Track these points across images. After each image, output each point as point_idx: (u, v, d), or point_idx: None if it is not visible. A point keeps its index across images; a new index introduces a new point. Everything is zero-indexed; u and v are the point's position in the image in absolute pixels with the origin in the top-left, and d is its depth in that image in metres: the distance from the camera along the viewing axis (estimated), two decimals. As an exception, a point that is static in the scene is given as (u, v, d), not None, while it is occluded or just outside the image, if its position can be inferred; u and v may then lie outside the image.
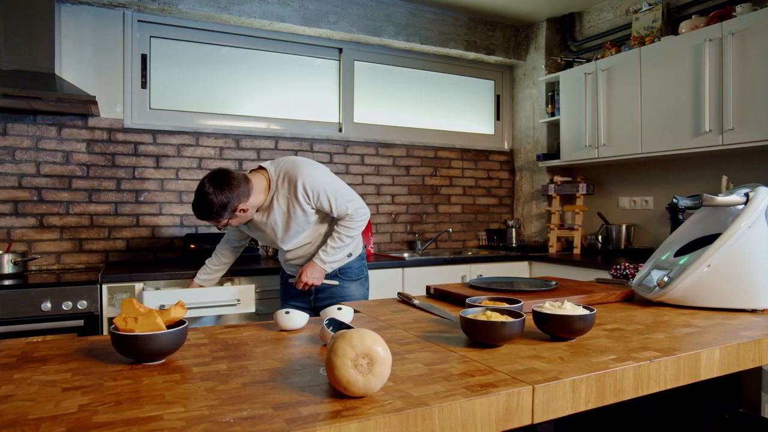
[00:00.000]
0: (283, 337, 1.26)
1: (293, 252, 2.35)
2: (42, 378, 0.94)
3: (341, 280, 2.35)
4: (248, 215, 2.16)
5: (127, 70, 3.18)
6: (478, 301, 1.41)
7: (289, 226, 2.23)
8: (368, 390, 0.83)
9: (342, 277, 2.36)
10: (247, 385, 0.90)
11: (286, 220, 2.22)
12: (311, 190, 2.15)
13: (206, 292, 2.54)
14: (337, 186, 2.24)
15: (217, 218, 2.07)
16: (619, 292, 1.72)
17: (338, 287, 2.35)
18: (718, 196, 1.63)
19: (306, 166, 2.20)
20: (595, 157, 3.59)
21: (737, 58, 2.76)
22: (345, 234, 2.25)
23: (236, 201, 2.06)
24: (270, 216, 2.21)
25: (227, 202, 2.03)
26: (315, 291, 2.35)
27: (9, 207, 2.91)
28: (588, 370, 0.98)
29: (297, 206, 2.17)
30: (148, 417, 0.77)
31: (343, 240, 2.25)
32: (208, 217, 2.07)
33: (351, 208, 2.23)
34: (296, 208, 2.18)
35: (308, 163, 2.24)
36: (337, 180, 2.28)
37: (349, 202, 2.23)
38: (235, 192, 2.04)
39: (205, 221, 2.17)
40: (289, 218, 2.21)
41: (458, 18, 4.09)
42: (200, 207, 2.05)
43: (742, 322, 1.38)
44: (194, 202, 2.08)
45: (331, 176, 2.27)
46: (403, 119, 4.11)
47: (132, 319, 1.02)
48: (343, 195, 2.23)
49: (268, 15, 3.39)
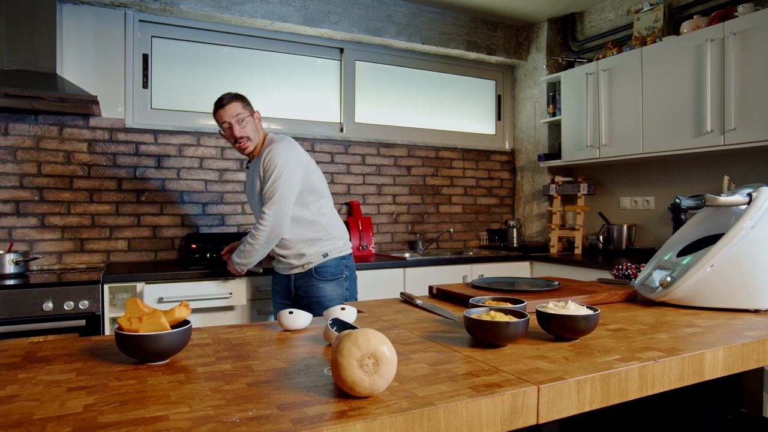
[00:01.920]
0: (287, 337, 1.26)
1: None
2: (46, 378, 0.94)
3: (316, 280, 2.40)
4: (258, 131, 2.36)
5: (128, 69, 3.18)
6: (481, 301, 1.41)
7: (254, 199, 2.40)
8: (374, 390, 0.83)
9: (317, 276, 2.40)
10: (252, 385, 0.90)
11: (252, 190, 2.39)
12: (266, 164, 2.27)
13: (200, 286, 2.70)
14: (288, 181, 2.26)
15: (244, 105, 2.31)
16: (622, 293, 1.72)
17: (312, 287, 2.40)
18: (720, 196, 1.63)
19: (285, 143, 2.31)
20: (596, 157, 3.59)
21: (739, 59, 2.76)
22: (248, 240, 2.35)
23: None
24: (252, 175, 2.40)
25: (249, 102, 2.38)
26: (294, 288, 2.44)
27: (10, 207, 2.91)
28: (592, 371, 0.98)
29: (258, 176, 2.31)
30: (154, 417, 0.77)
31: (246, 245, 2.36)
32: (240, 99, 2.32)
33: (269, 209, 2.26)
34: (257, 179, 2.32)
35: (290, 143, 2.34)
36: (296, 183, 2.29)
37: (274, 203, 2.25)
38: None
39: (233, 113, 2.30)
40: (253, 189, 2.37)
41: (459, 18, 4.08)
42: (232, 94, 2.33)
43: (746, 323, 1.38)
44: (224, 95, 2.32)
45: (297, 172, 2.29)
46: (404, 119, 4.11)
47: (136, 319, 1.02)
48: (276, 192, 2.25)
49: (270, 15, 3.39)
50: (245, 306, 2.84)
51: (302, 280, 2.40)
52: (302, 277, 2.40)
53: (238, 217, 3.47)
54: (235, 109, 2.30)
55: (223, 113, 2.30)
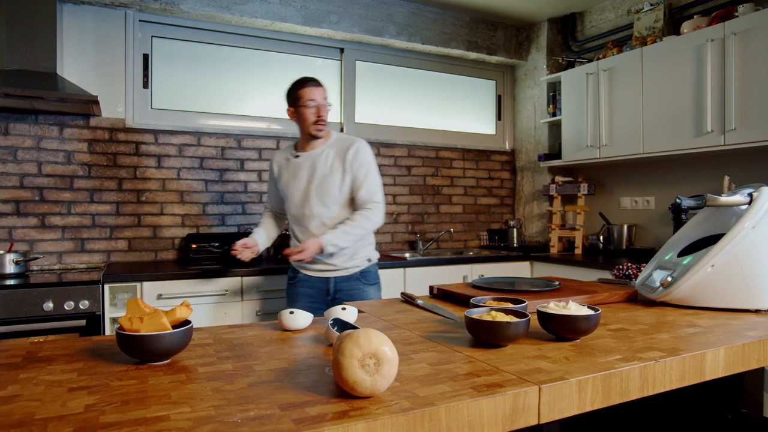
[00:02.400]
0: (288, 337, 1.26)
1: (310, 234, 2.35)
2: (47, 378, 0.94)
3: (362, 284, 2.38)
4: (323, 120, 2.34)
5: (128, 69, 3.18)
6: (482, 301, 1.41)
7: (322, 188, 2.32)
8: (375, 390, 0.83)
9: (363, 281, 2.39)
10: (254, 386, 0.90)
11: (322, 179, 2.32)
12: (360, 158, 2.33)
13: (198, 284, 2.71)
14: (377, 176, 2.40)
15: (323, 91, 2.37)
16: (623, 292, 1.72)
17: (356, 290, 2.36)
18: (721, 197, 1.63)
19: (365, 143, 2.39)
20: (596, 158, 3.59)
21: (739, 59, 2.76)
22: (360, 223, 2.30)
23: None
24: (312, 165, 2.34)
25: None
26: (334, 291, 2.37)
27: (11, 207, 2.91)
28: (593, 371, 0.98)
29: (339, 167, 2.31)
30: (155, 417, 0.76)
31: (356, 227, 2.29)
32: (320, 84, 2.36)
33: (378, 198, 2.35)
34: (337, 170, 2.31)
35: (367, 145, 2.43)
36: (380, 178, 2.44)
37: (379, 193, 2.37)
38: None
39: (323, 95, 2.34)
40: (324, 178, 2.31)
41: (460, 18, 4.08)
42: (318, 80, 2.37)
43: (746, 323, 1.38)
44: (310, 77, 2.36)
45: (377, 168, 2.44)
46: (404, 119, 4.11)
47: (137, 319, 1.02)
48: (378, 185, 2.38)
49: (270, 15, 3.39)
50: (243, 303, 2.84)
51: (345, 283, 2.35)
52: (345, 280, 2.36)
53: (238, 217, 3.47)
54: (324, 92, 2.35)
55: (316, 91, 2.32)
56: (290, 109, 2.38)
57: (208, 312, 2.74)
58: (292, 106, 2.36)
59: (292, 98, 2.35)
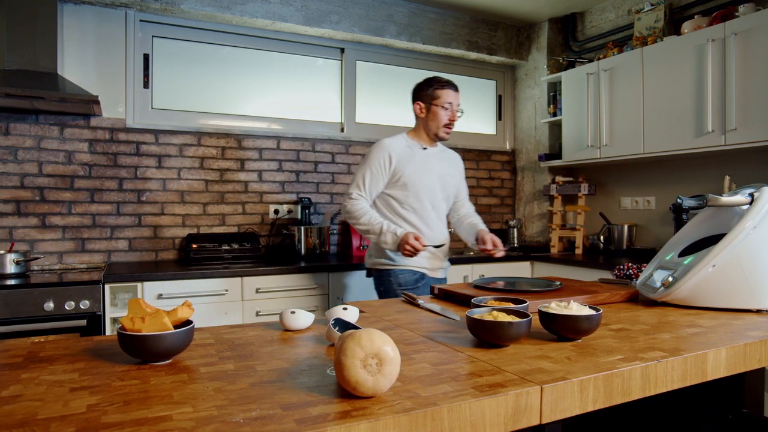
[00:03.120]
0: (289, 337, 1.26)
1: (430, 225, 2.41)
2: (49, 378, 0.94)
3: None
4: (453, 125, 2.48)
5: (129, 69, 3.18)
6: (483, 301, 1.41)
7: (446, 184, 2.47)
8: (377, 390, 0.83)
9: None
10: (255, 386, 0.90)
11: (447, 176, 2.48)
12: (463, 169, 2.65)
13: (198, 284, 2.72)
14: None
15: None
16: (624, 293, 1.72)
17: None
18: (722, 197, 1.63)
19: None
20: (597, 158, 3.59)
21: (740, 59, 2.76)
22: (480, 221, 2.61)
23: None
24: (439, 160, 2.46)
25: None
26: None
27: (11, 207, 2.91)
28: (595, 371, 0.98)
29: (456, 171, 2.56)
30: (157, 417, 0.76)
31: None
32: (458, 89, 2.46)
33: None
34: (457, 172, 2.57)
35: None
36: None
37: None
38: None
39: (458, 101, 2.46)
40: (447, 177, 2.49)
41: (460, 18, 4.08)
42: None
43: (748, 323, 1.38)
44: (449, 80, 2.44)
45: None
46: (405, 119, 4.10)
47: (139, 319, 1.02)
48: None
49: (271, 15, 3.39)
50: (242, 304, 2.84)
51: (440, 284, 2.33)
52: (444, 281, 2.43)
53: (238, 217, 3.47)
54: (458, 99, 2.43)
55: (453, 95, 2.39)
56: (421, 104, 2.39)
57: (209, 312, 2.74)
58: (424, 102, 2.38)
59: (428, 95, 2.36)
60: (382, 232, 2.22)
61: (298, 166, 3.65)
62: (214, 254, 3.11)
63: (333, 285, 3.06)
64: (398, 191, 2.34)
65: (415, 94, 2.42)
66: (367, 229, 2.27)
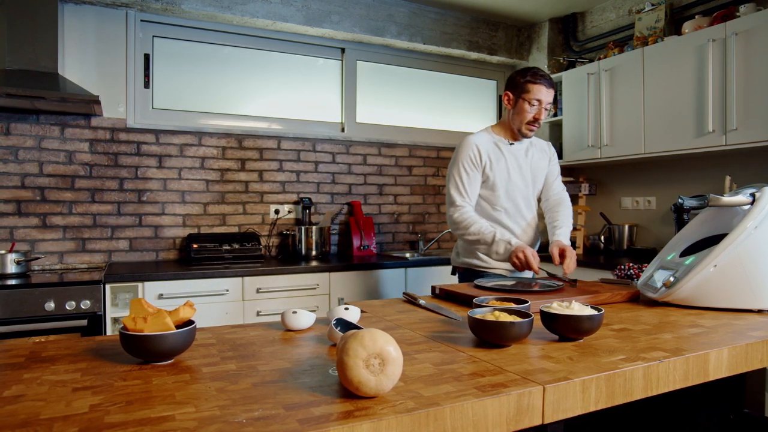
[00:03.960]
0: (291, 337, 1.26)
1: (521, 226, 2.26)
2: (52, 378, 0.94)
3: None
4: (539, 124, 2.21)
5: (130, 69, 3.18)
6: (485, 301, 1.41)
7: (536, 181, 2.30)
8: (380, 390, 0.83)
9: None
10: (258, 386, 0.90)
11: (536, 172, 2.29)
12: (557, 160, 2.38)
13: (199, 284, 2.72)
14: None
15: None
16: (625, 293, 1.72)
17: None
18: (723, 197, 1.63)
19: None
20: (597, 158, 3.59)
21: (741, 59, 2.76)
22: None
23: None
24: (526, 155, 2.27)
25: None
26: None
27: (12, 207, 2.91)
28: (597, 371, 0.98)
29: (544, 165, 2.32)
30: (160, 417, 0.76)
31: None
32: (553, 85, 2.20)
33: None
34: (544, 167, 2.32)
35: None
36: None
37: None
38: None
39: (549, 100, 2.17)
40: (536, 173, 2.30)
41: (461, 18, 4.08)
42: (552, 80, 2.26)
43: (749, 323, 1.38)
44: (546, 73, 2.19)
45: None
46: (405, 119, 4.11)
47: (141, 319, 1.02)
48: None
49: (271, 15, 3.39)
50: (243, 304, 2.85)
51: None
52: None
53: (239, 217, 3.47)
54: (552, 96, 2.17)
55: (546, 92, 2.14)
56: (510, 95, 2.20)
57: (210, 312, 2.74)
58: (514, 93, 2.19)
59: (519, 86, 2.16)
60: (495, 241, 2.08)
61: (299, 166, 3.65)
62: (214, 254, 3.11)
63: (333, 285, 3.07)
64: (488, 191, 2.21)
65: (507, 83, 2.23)
66: (477, 239, 2.12)
